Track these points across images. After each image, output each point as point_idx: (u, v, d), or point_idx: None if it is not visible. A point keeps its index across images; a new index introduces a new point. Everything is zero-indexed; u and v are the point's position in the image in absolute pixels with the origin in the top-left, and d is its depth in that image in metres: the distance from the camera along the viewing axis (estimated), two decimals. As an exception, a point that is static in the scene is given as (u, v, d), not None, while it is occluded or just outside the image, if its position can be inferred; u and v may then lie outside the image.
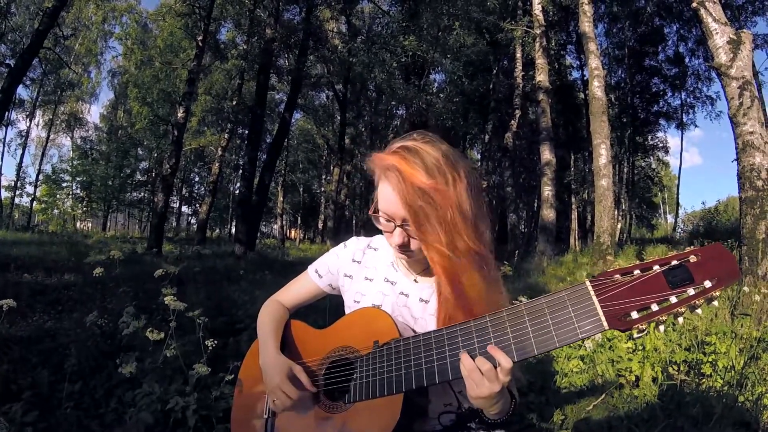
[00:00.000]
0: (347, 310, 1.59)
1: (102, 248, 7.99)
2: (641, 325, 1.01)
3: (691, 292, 0.99)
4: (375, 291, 1.55)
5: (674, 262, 1.03)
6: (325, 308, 4.01)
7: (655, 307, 1.01)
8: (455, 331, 1.22)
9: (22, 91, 30.78)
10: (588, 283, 1.08)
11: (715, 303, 1.00)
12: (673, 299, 1.00)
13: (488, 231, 1.36)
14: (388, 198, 1.31)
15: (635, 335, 1.04)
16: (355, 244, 1.66)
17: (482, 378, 1.13)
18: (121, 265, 6.54)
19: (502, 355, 1.12)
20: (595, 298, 1.06)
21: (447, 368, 1.19)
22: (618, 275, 1.07)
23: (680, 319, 1.01)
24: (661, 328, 1.03)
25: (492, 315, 1.18)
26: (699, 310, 1.00)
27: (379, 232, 1.63)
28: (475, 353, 1.16)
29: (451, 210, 1.26)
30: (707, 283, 0.98)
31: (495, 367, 1.12)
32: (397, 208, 1.29)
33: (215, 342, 2.70)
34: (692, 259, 1.02)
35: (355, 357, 1.40)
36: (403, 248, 1.37)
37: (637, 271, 1.05)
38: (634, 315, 1.02)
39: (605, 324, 1.03)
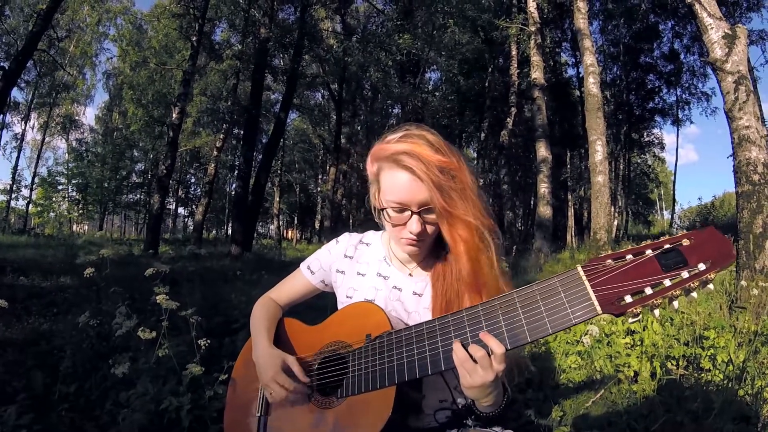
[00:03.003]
0: (340, 306, 1.58)
1: (92, 249, 7.96)
2: (635, 309, 0.99)
3: (685, 275, 0.97)
4: (367, 286, 1.53)
5: (667, 246, 1.02)
6: (325, 307, 3.99)
7: (648, 291, 0.99)
8: (447, 322, 1.21)
9: (16, 94, 30.67)
10: (580, 268, 1.07)
11: (711, 286, 0.98)
12: (667, 282, 0.98)
13: (490, 209, 1.35)
14: (401, 185, 1.29)
15: (630, 320, 1.03)
16: (348, 239, 1.65)
17: (475, 366, 1.11)
18: (117, 267, 6.52)
19: (495, 342, 1.10)
20: (587, 283, 1.04)
21: (439, 358, 1.18)
22: (610, 260, 1.05)
23: (675, 303, 1.00)
24: (656, 312, 1.01)
25: (484, 304, 1.17)
26: (694, 294, 0.99)
27: (373, 228, 1.62)
28: (468, 342, 1.14)
29: (466, 186, 1.28)
30: (701, 266, 0.96)
31: (488, 355, 1.11)
32: (414, 194, 1.28)
33: (208, 341, 2.68)
34: (685, 242, 1.01)
35: (348, 351, 1.38)
36: (420, 236, 1.34)
37: (629, 256, 1.04)
38: (628, 299, 1.00)
39: (599, 308, 1.02)
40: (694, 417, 2.82)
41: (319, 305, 2.70)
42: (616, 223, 25.70)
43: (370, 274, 1.55)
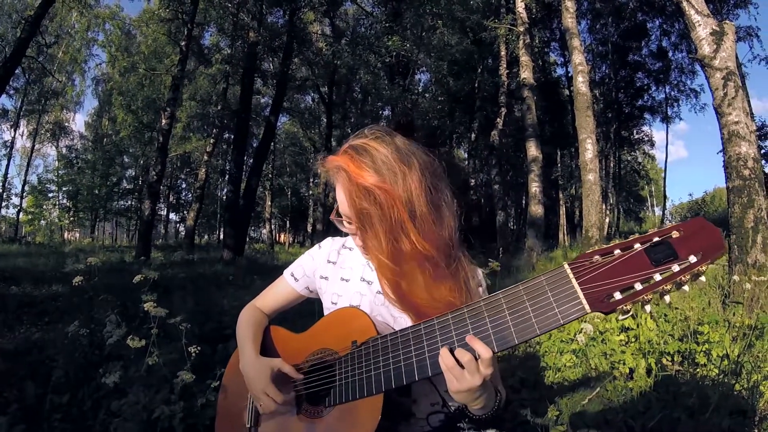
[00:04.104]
0: (326, 312, 1.56)
1: (81, 257, 7.93)
2: (625, 305, 0.97)
3: (675, 268, 0.95)
4: (352, 291, 1.52)
5: (656, 239, 1.00)
6: (313, 313, 3.97)
7: (638, 287, 0.97)
8: (432, 325, 1.19)
9: (5, 101, 30.56)
10: (566, 266, 1.05)
11: (702, 279, 0.96)
12: (657, 277, 0.96)
13: (451, 221, 1.33)
14: (341, 199, 1.31)
15: (620, 317, 1.00)
16: (330, 244, 1.63)
17: (462, 372, 1.10)
18: (108, 274, 6.48)
19: (482, 346, 1.09)
20: (574, 281, 1.02)
21: (426, 364, 1.16)
22: (598, 256, 1.03)
23: (666, 298, 0.97)
24: (647, 308, 0.99)
25: (470, 306, 1.15)
26: (686, 287, 0.96)
27: None
28: (454, 346, 1.13)
29: (397, 208, 1.23)
30: (692, 258, 0.94)
31: (475, 359, 1.09)
32: (349, 208, 1.29)
33: (198, 348, 2.66)
34: (675, 234, 0.98)
35: (334, 359, 1.37)
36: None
37: (617, 251, 1.02)
38: (617, 296, 0.98)
39: (587, 307, 1.00)
40: (691, 413, 2.82)
41: (307, 311, 2.69)
42: (607, 220, 25.80)
43: (354, 279, 1.54)
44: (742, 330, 3.64)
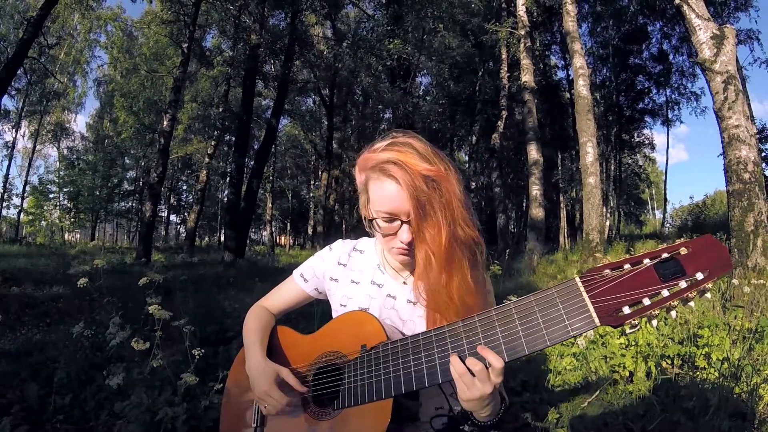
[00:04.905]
0: (334, 314, 1.56)
1: (85, 258, 7.93)
2: (633, 320, 0.99)
3: (683, 284, 0.97)
4: (362, 294, 1.52)
5: (665, 255, 1.01)
6: (314, 314, 3.98)
7: (647, 302, 0.99)
8: (443, 333, 1.19)
9: (7, 102, 30.45)
10: (578, 279, 1.06)
11: (708, 295, 0.98)
12: (665, 293, 0.98)
13: (476, 219, 1.34)
14: (389, 195, 1.27)
15: (627, 330, 1.02)
16: (341, 247, 1.63)
17: (473, 380, 1.10)
18: (110, 276, 6.49)
19: (493, 356, 1.09)
20: (585, 295, 1.03)
21: (436, 371, 1.17)
22: (608, 270, 1.04)
23: (673, 313, 0.99)
24: (654, 322, 1.01)
25: (480, 315, 1.16)
26: (692, 303, 0.98)
27: (367, 234, 1.59)
28: (465, 354, 1.13)
29: (452, 195, 1.25)
30: (699, 275, 0.96)
31: (486, 368, 1.10)
32: (402, 203, 1.26)
33: (202, 351, 2.67)
34: (683, 251, 1.00)
35: (343, 362, 1.37)
36: (411, 245, 1.32)
37: (627, 266, 1.03)
38: (626, 310, 0.99)
39: (597, 320, 1.01)
40: (691, 415, 2.83)
41: (306, 312, 2.70)
42: (608, 223, 25.76)
43: (364, 282, 1.54)
44: (742, 333, 3.65)
